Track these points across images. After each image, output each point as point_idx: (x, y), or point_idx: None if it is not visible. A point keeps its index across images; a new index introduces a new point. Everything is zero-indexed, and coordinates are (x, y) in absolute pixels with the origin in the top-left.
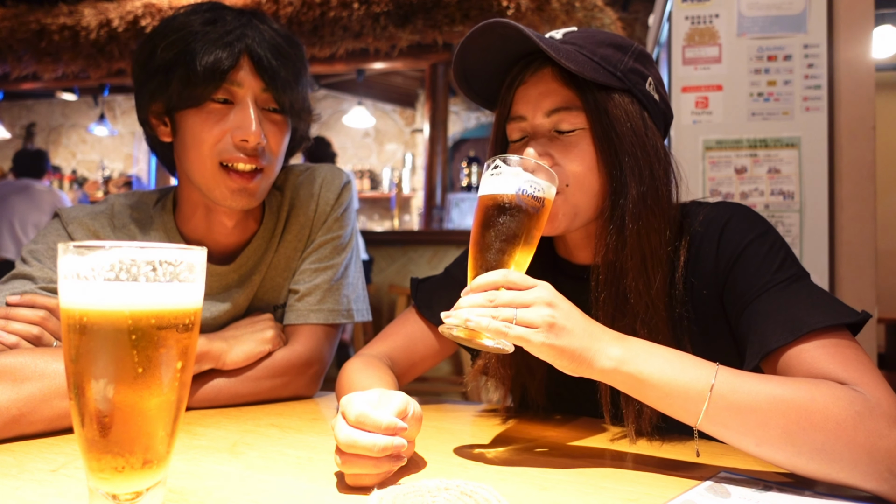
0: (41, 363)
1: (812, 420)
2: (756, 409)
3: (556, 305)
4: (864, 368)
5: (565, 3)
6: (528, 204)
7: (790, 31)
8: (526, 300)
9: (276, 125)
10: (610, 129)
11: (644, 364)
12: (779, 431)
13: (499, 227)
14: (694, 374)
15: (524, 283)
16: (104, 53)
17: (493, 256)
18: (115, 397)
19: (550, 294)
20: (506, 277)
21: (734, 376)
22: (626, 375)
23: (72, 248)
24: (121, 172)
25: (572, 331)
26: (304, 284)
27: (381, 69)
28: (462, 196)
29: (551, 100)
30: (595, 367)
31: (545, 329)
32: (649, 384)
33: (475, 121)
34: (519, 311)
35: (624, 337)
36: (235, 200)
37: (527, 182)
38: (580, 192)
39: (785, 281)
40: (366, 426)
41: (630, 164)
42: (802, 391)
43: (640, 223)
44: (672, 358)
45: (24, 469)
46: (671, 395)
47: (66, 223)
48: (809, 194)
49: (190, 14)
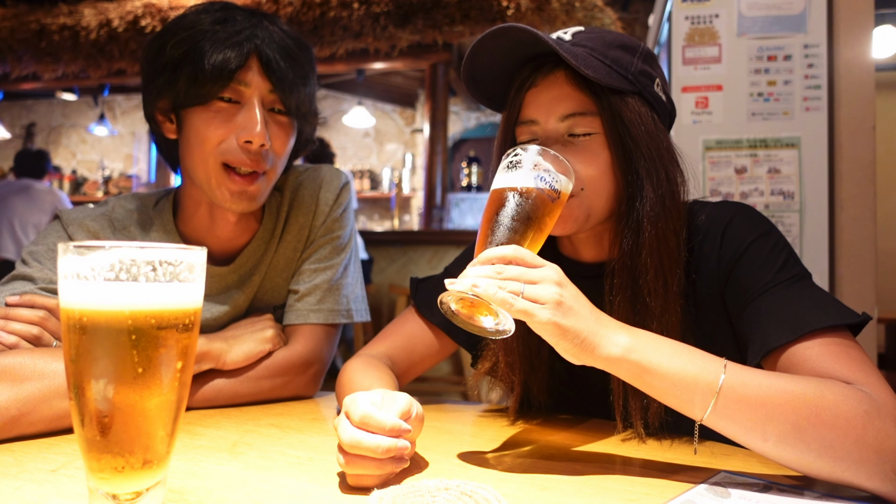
0: (41, 363)
1: (822, 417)
2: (766, 404)
3: (564, 285)
4: (867, 368)
5: (565, 3)
6: (545, 193)
7: (790, 31)
8: (534, 277)
9: (282, 127)
10: (625, 134)
11: (652, 353)
12: (788, 427)
13: (513, 210)
14: (703, 367)
15: (533, 260)
16: (104, 53)
17: (503, 233)
18: (115, 397)
19: (559, 274)
20: (516, 252)
21: (743, 370)
22: (633, 364)
23: (72, 249)
24: (121, 172)
25: (579, 312)
26: (304, 284)
27: (381, 69)
28: (462, 196)
29: (565, 104)
30: (600, 353)
31: (552, 306)
32: (657, 374)
33: (475, 121)
34: (526, 286)
35: (630, 327)
36: (236, 203)
37: (546, 172)
38: (595, 196)
39: (787, 280)
40: (370, 427)
41: (646, 167)
42: (812, 388)
43: (658, 226)
44: (680, 350)
45: (24, 469)
46: (678, 387)
47: (66, 224)
48: (809, 194)
49: (201, 13)
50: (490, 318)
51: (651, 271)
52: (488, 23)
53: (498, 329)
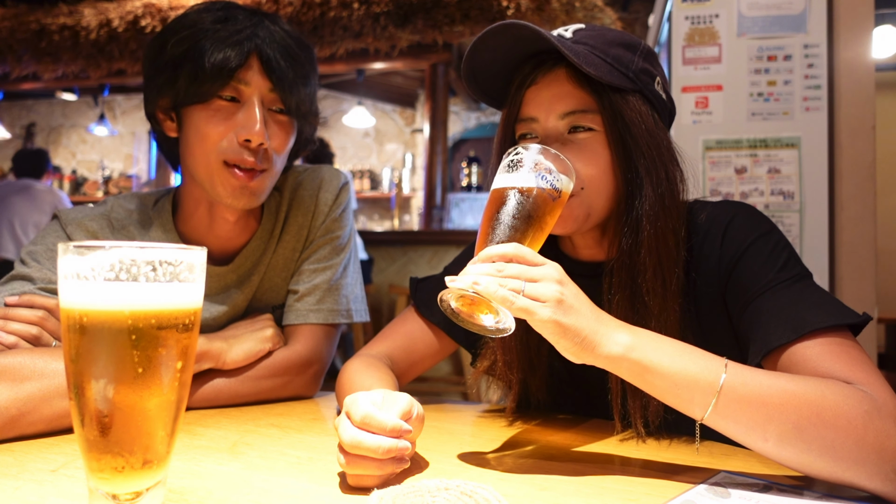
0: (40, 363)
1: (823, 417)
2: (767, 404)
3: (565, 284)
4: (867, 368)
5: (565, 3)
6: (547, 192)
7: (790, 31)
8: (535, 275)
9: (282, 126)
10: (626, 132)
11: (653, 352)
12: (789, 427)
13: (514, 209)
14: (704, 366)
15: (534, 259)
16: (104, 53)
17: (503, 232)
18: (115, 397)
19: (560, 273)
20: (517, 250)
21: (744, 370)
22: (633, 363)
23: (72, 248)
24: (121, 172)
25: (580, 310)
26: (303, 285)
27: (381, 69)
28: (462, 196)
29: (566, 102)
30: (600, 352)
31: (553, 304)
32: (658, 373)
33: (475, 121)
34: (527, 284)
35: (631, 326)
36: (237, 199)
37: (547, 171)
38: (595, 195)
39: (788, 280)
40: (371, 427)
41: (646, 166)
42: (812, 387)
43: (657, 225)
44: (681, 349)
45: (25, 469)
46: (679, 386)
47: (65, 224)
48: (809, 194)
49: (202, 11)
50: (490, 317)
51: (650, 270)
52: (488, 23)
53: (498, 327)
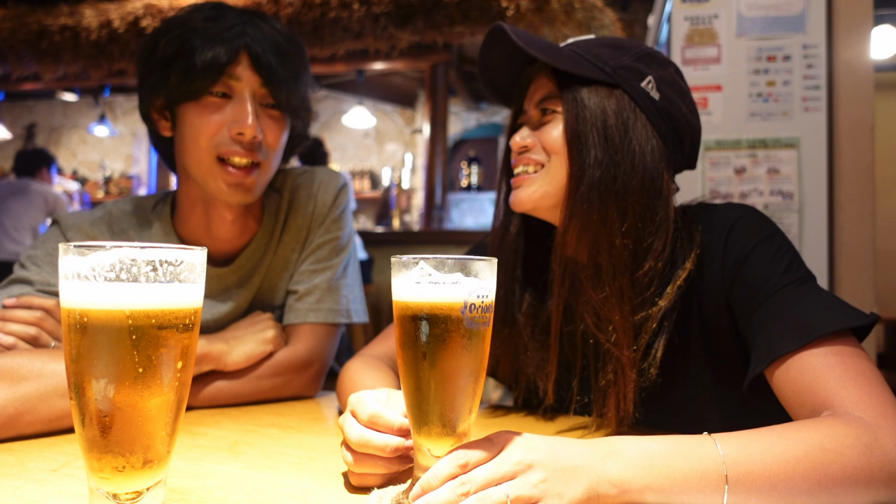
0: (38, 363)
1: (830, 474)
2: (776, 485)
3: (537, 460)
4: (861, 380)
5: (565, 3)
6: (479, 318)
7: (789, 32)
8: (506, 472)
9: (274, 121)
10: (579, 115)
11: (647, 475)
12: (803, 498)
13: (446, 364)
14: (698, 461)
15: (489, 450)
16: (105, 54)
17: (446, 409)
18: (115, 397)
19: (522, 448)
20: (466, 459)
21: (738, 449)
22: (637, 493)
23: (73, 249)
24: (121, 173)
25: (566, 472)
26: (303, 285)
27: (381, 69)
28: (462, 196)
29: (540, 92)
30: (606, 501)
31: (549, 498)
32: (664, 491)
33: (475, 121)
34: (506, 486)
35: (610, 444)
36: (232, 195)
37: (475, 286)
38: (555, 169)
39: (793, 283)
40: (378, 426)
41: (593, 152)
42: (810, 444)
43: (590, 207)
44: (666, 453)
45: (25, 468)
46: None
47: (65, 229)
48: (809, 194)
49: (192, 12)
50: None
51: (587, 260)
52: (488, 23)
53: None
